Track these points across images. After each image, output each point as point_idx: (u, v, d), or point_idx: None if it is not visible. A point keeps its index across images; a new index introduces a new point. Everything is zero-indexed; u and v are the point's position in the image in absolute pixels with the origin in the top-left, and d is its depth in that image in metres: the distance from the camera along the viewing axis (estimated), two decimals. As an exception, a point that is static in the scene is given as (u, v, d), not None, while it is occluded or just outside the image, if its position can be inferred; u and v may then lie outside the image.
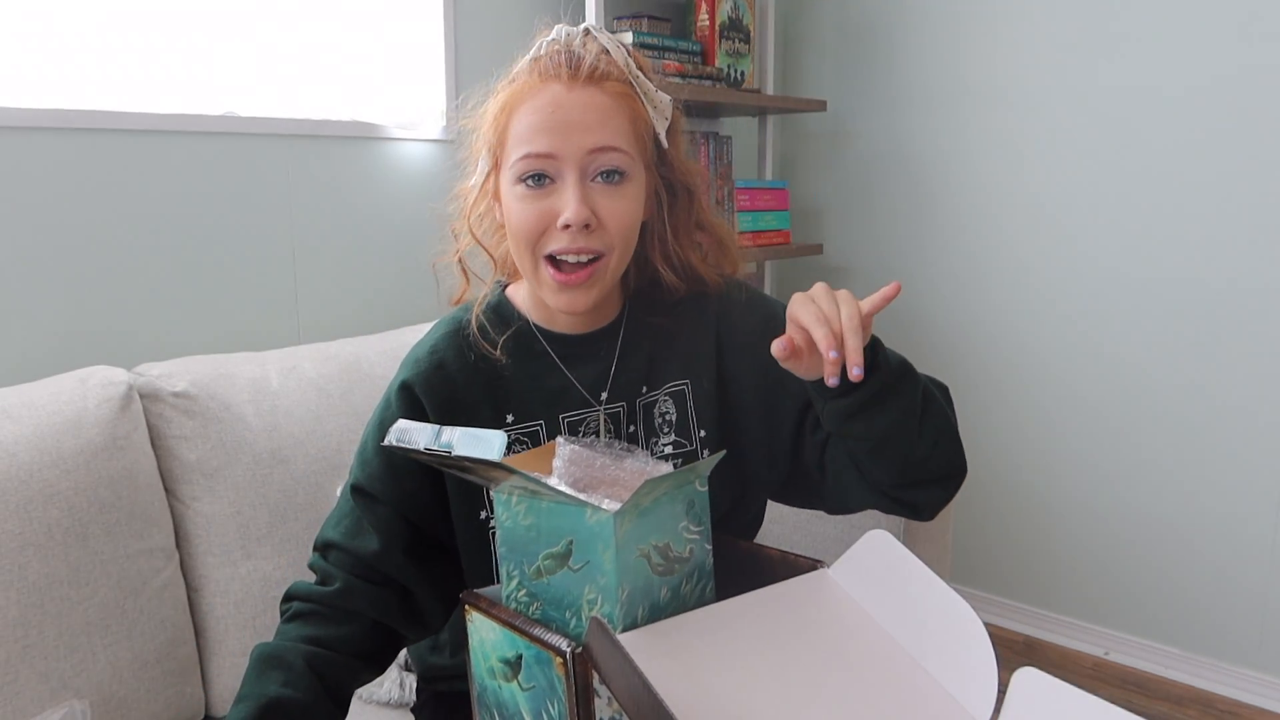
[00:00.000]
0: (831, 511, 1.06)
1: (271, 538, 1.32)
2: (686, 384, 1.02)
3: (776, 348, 0.81)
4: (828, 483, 1.00)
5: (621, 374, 1.00)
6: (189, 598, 1.28)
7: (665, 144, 0.96)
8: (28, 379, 1.25)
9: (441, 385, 0.96)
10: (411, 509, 0.95)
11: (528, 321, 1.00)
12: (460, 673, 1.07)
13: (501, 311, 1.00)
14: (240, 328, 1.64)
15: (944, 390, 0.97)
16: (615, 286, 1.00)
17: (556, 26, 0.96)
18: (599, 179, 0.90)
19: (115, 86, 1.48)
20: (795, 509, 1.46)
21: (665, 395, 1.02)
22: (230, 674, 1.29)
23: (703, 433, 1.01)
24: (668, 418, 1.01)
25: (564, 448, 0.82)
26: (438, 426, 0.77)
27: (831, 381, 0.80)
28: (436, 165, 1.90)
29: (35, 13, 1.39)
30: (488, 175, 0.97)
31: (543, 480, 0.72)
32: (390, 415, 0.96)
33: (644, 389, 1.01)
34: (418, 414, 0.96)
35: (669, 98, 0.97)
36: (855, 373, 0.78)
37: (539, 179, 0.90)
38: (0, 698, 1.05)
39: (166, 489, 1.28)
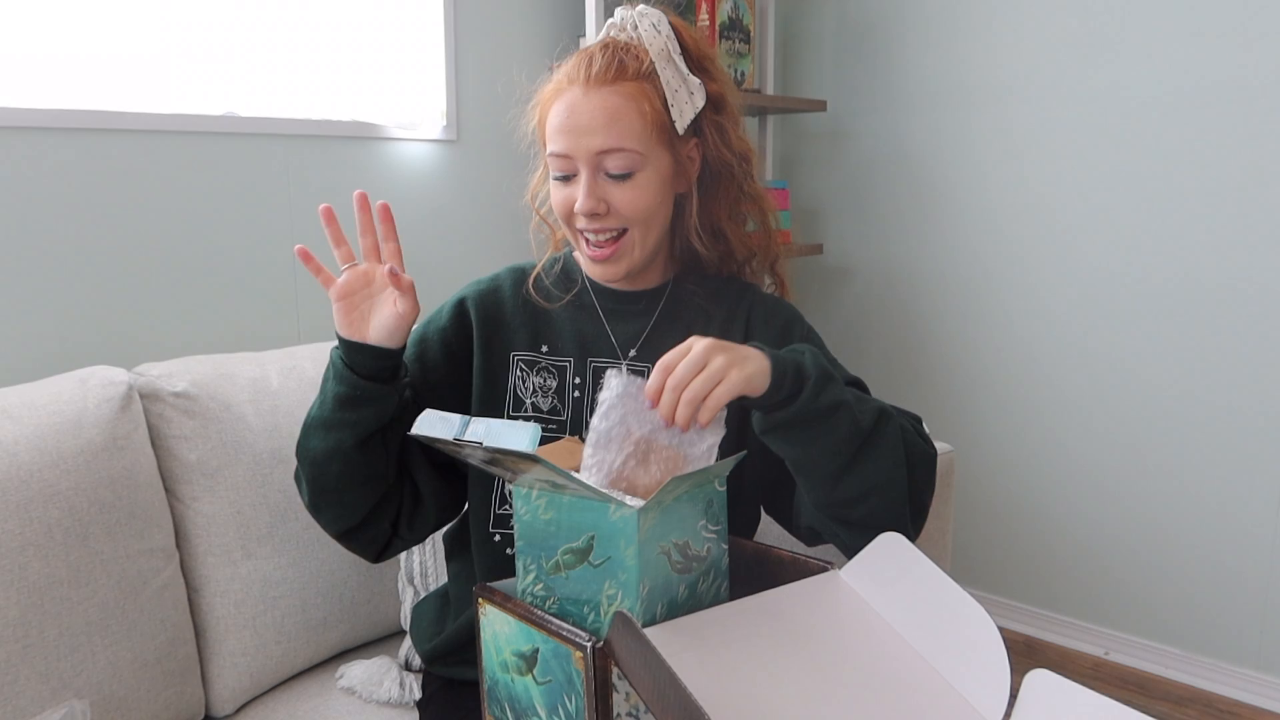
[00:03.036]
0: (798, 536, 1.10)
1: (271, 538, 1.31)
2: None
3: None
4: (797, 494, 1.05)
5: (655, 338, 1.08)
6: (189, 598, 1.27)
7: (680, 130, 1.03)
8: (28, 379, 1.25)
9: (493, 305, 1.10)
10: (431, 399, 1.05)
11: (583, 275, 1.12)
12: (464, 651, 1.09)
13: (566, 266, 1.14)
14: (240, 328, 1.63)
15: (925, 457, 0.99)
16: (662, 254, 1.10)
17: (619, 10, 1.05)
18: (610, 174, 1.00)
19: (115, 86, 1.48)
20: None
21: None
22: (230, 674, 1.28)
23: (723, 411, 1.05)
24: None
25: (618, 379, 0.83)
26: (468, 417, 0.78)
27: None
28: (437, 165, 1.90)
29: (35, 13, 1.39)
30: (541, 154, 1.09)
31: (571, 475, 0.71)
32: (437, 317, 1.11)
33: None
34: (464, 326, 1.09)
35: (699, 81, 1.04)
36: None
37: (566, 176, 1.02)
38: (0, 698, 1.04)
39: (167, 489, 1.27)
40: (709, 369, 0.82)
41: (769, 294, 1.15)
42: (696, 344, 0.84)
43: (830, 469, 0.92)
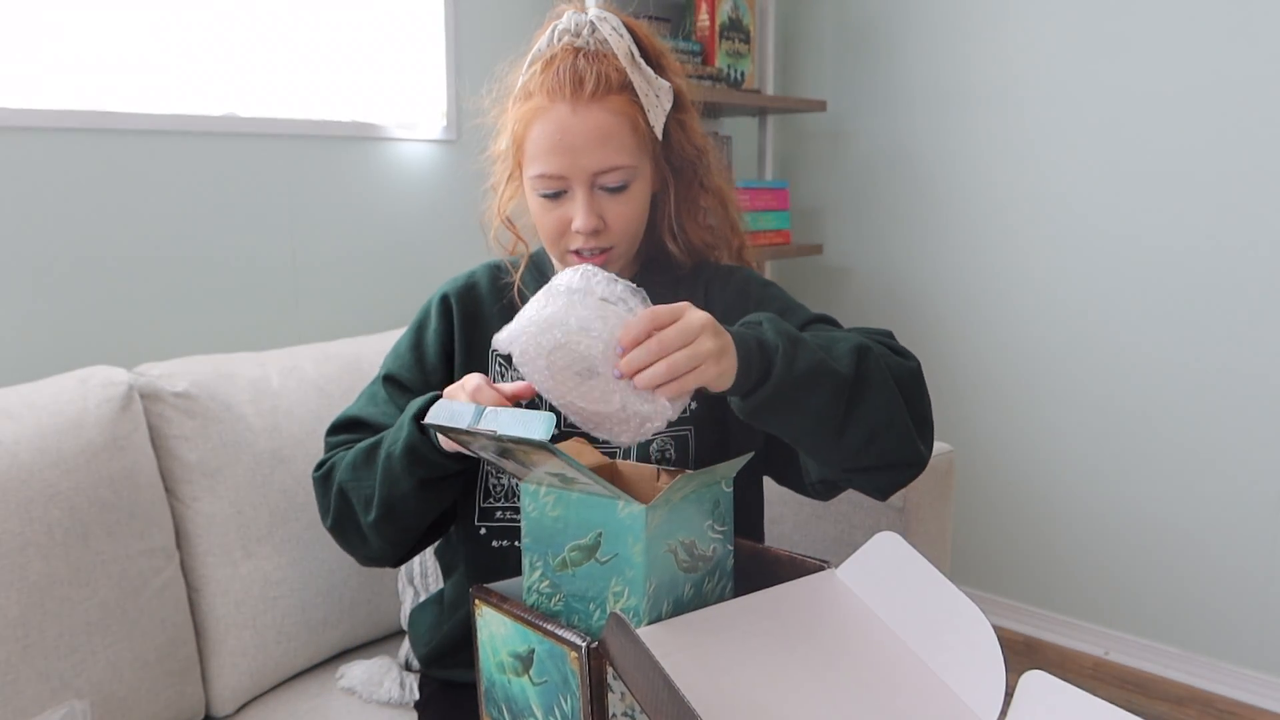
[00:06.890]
0: (812, 495, 1.07)
1: (272, 538, 1.32)
2: None
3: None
4: (797, 454, 1.02)
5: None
6: (189, 598, 1.28)
7: (659, 136, 1.04)
8: (28, 379, 1.25)
9: (472, 301, 1.12)
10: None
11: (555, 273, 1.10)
12: (460, 652, 1.10)
13: (538, 264, 1.14)
14: (240, 328, 1.63)
15: (911, 374, 0.94)
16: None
17: (567, 14, 1.03)
18: (605, 189, 1.01)
19: (115, 86, 1.48)
20: (793, 511, 1.46)
21: None
22: (230, 674, 1.28)
23: (693, 405, 1.04)
24: None
25: (573, 272, 0.81)
26: (481, 407, 0.78)
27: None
28: (437, 165, 1.90)
29: (36, 13, 1.39)
30: (513, 171, 1.07)
31: (584, 469, 0.71)
32: (426, 319, 1.13)
33: None
34: (449, 323, 1.11)
35: (668, 84, 1.04)
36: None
37: (555, 194, 1.01)
38: (0, 698, 1.04)
39: (167, 489, 1.28)
40: (695, 347, 0.76)
41: (730, 268, 1.13)
42: (691, 314, 0.78)
43: (828, 429, 0.87)
